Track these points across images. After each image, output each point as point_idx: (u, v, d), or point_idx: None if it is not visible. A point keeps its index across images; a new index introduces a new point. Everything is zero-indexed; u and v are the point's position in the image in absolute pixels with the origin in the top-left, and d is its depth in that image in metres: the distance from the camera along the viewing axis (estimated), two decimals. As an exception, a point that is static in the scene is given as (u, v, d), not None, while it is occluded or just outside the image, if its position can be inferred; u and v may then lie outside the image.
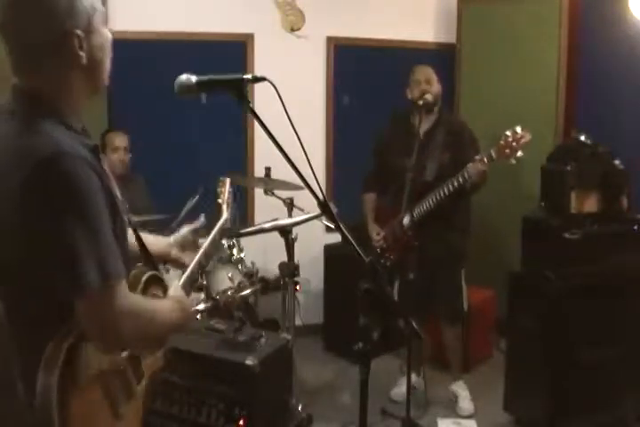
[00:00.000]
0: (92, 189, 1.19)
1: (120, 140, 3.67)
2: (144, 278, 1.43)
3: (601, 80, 3.93)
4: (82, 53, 1.29)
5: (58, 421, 1.18)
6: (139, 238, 1.53)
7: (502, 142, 2.90)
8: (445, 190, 3.08)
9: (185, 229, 1.80)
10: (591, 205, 3.12)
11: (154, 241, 1.71)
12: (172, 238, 1.76)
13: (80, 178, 1.18)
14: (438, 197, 3.11)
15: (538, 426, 3.05)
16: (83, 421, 1.23)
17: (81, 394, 1.23)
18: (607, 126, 3.70)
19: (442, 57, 4.53)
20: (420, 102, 3.19)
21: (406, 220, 3.20)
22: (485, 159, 2.95)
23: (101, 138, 3.70)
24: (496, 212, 4.20)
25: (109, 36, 1.38)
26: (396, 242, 3.29)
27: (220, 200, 1.89)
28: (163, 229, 3.85)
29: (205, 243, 1.74)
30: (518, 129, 2.89)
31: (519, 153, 2.88)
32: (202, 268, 1.71)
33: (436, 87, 3.34)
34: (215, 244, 1.77)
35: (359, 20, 4.41)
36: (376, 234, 3.41)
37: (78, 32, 1.27)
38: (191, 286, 1.65)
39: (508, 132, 2.89)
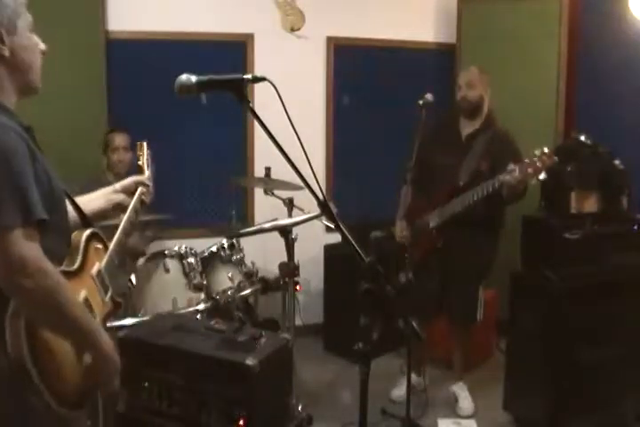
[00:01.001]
0: (18, 151, 1.35)
1: (119, 139, 3.67)
2: (85, 234, 1.61)
3: (601, 80, 3.93)
4: (3, 47, 1.42)
5: (30, 361, 1.32)
6: (73, 202, 1.67)
7: (527, 160, 2.86)
8: (473, 197, 3.03)
9: (130, 179, 1.98)
10: (591, 205, 3.12)
11: (98, 194, 1.89)
12: (116, 185, 1.93)
13: (7, 142, 1.34)
14: (467, 203, 3.06)
15: (538, 426, 3.05)
16: (52, 362, 1.39)
17: (47, 338, 1.38)
18: (607, 126, 3.70)
19: (442, 57, 4.53)
20: (421, 102, 3.16)
21: (433, 220, 3.21)
22: (517, 171, 2.87)
23: (104, 138, 3.71)
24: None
25: (39, 43, 1.53)
26: (421, 241, 3.27)
27: (140, 162, 2.08)
28: (162, 228, 3.87)
29: (133, 200, 1.91)
30: (546, 150, 2.84)
31: (542, 175, 2.84)
32: (132, 224, 1.89)
33: (478, 90, 3.26)
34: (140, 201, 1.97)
35: (359, 20, 4.42)
36: (400, 231, 3.40)
37: None
38: (125, 236, 1.83)
39: (537, 152, 2.84)
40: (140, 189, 1.95)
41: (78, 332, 1.44)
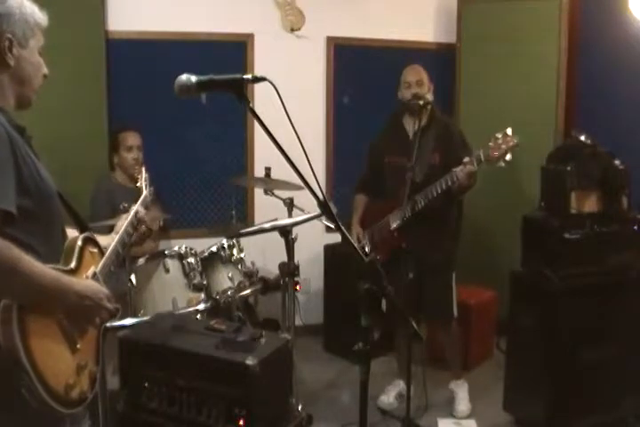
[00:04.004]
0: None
1: (132, 138, 3.64)
2: (80, 238, 1.65)
3: (601, 80, 3.93)
4: (10, 55, 1.49)
5: (25, 358, 1.34)
6: (68, 206, 1.70)
7: (491, 144, 2.87)
8: (433, 192, 3.03)
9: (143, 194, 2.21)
10: (591, 205, 3.12)
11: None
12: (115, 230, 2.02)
13: None
14: (426, 200, 3.06)
15: (538, 426, 3.06)
16: (45, 355, 1.39)
17: (39, 329, 1.40)
18: (607, 126, 3.70)
19: (442, 57, 4.53)
20: (421, 102, 3.17)
21: (394, 220, 3.19)
22: (475, 162, 2.91)
23: (114, 138, 3.68)
24: (496, 212, 4.20)
25: (44, 66, 1.60)
26: (383, 243, 3.28)
27: (138, 184, 2.34)
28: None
29: (130, 215, 2.04)
30: (509, 131, 2.87)
31: (508, 156, 2.85)
32: (129, 235, 2.00)
33: (427, 88, 3.29)
34: (138, 215, 2.10)
35: (359, 20, 4.41)
36: (356, 236, 3.39)
37: (9, 36, 1.48)
38: (122, 246, 1.90)
39: (498, 135, 2.87)
40: (133, 211, 2.05)
41: (38, 288, 1.40)
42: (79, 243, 1.63)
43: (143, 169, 2.39)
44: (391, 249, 3.20)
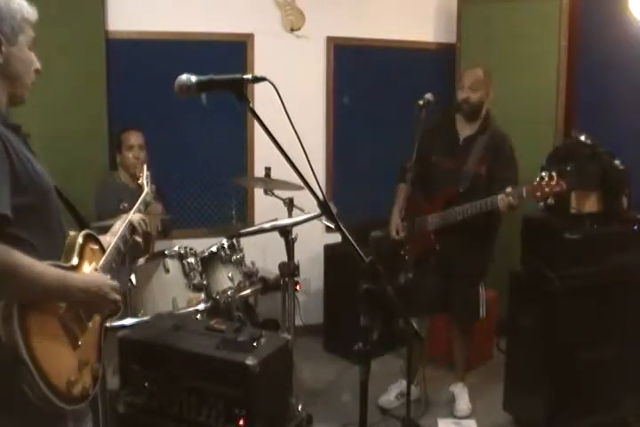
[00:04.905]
0: None
1: (134, 138, 3.65)
2: (81, 235, 1.65)
3: (601, 80, 3.93)
4: None
5: (26, 354, 1.33)
6: (63, 198, 1.70)
7: (535, 184, 2.86)
8: (470, 211, 3.07)
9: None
10: (591, 205, 3.12)
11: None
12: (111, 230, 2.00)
13: None
14: (464, 216, 3.09)
15: (538, 426, 3.06)
16: (47, 351, 1.40)
17: (40, 326, 1.40)
18: (607, 126, 3.70)
19: (442, 57, 4.53)
20: (421, 102, 3.15)
21: (431, 222, 3.20)
22: (516, 196, 2.91)
23: (117, 137, 3.69)
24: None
25: (36, 61, 1.58)
26: (417, 241, 3.25)
27: (139, 181, 2.38)
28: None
29: (130, 212, 2.06)
30: (554, 174, 2.85)
31: (550, 200, 2.87)
32: (131, 232, 2.00)
33: (480, 93, 3.24)
34: (140, 212, 2.13)
35: (359, 20, 4.42)
36: (395, 229, 3.37)
37: None
38: (124, 243, 1.91)
39: (544, 175, 2.85)
40: (129, 219, 2.02)
41: (39, 289, 1.40)
42: (80, 240, 1.63)
43: (145, 167, 2.40)
44: (422, 249, 3.20)
